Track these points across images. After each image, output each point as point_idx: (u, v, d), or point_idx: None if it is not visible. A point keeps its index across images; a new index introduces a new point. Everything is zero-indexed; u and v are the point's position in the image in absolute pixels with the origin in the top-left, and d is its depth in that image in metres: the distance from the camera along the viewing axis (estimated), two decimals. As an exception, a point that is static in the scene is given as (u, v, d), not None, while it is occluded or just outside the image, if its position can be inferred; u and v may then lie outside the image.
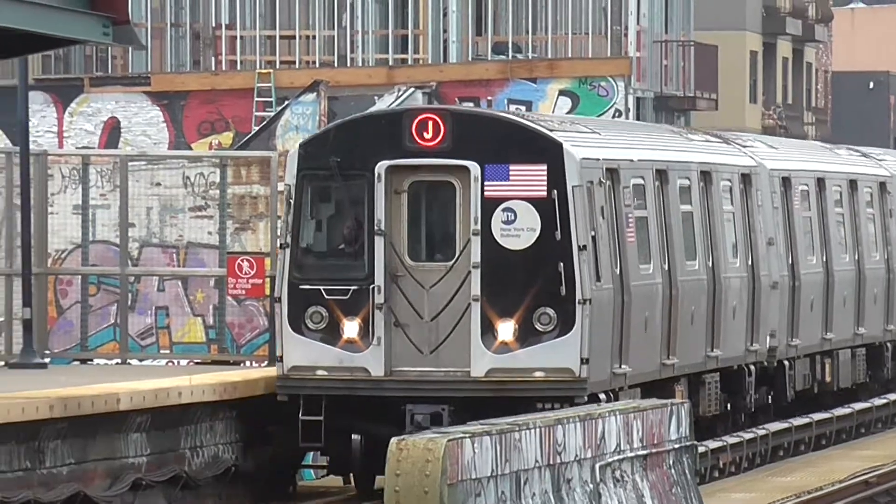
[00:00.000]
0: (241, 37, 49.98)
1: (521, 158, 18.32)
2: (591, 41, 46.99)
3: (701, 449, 20.71)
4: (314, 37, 49.38)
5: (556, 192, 18.02)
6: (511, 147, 18.51)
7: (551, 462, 14.84)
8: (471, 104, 38.72)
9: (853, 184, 29.68)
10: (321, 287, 18.37)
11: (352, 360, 18.20)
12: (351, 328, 18.13)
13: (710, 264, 23.15)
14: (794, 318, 27.06)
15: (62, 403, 16.75)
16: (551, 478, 14.74)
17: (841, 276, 28.62)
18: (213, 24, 50.19)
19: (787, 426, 26.51)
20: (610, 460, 16.29)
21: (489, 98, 40.97)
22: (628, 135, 24.65)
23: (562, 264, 17.97)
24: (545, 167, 18.18)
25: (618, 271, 19.55)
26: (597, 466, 15.85)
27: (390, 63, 47.23)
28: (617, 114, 42.48)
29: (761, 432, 25.52)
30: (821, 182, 28.28)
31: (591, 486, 15.61)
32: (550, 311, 17.95)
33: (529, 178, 18.16)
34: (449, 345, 18.17)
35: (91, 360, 25.90)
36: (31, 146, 24.91)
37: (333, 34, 48.97)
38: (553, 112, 41.35)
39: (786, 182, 27.25)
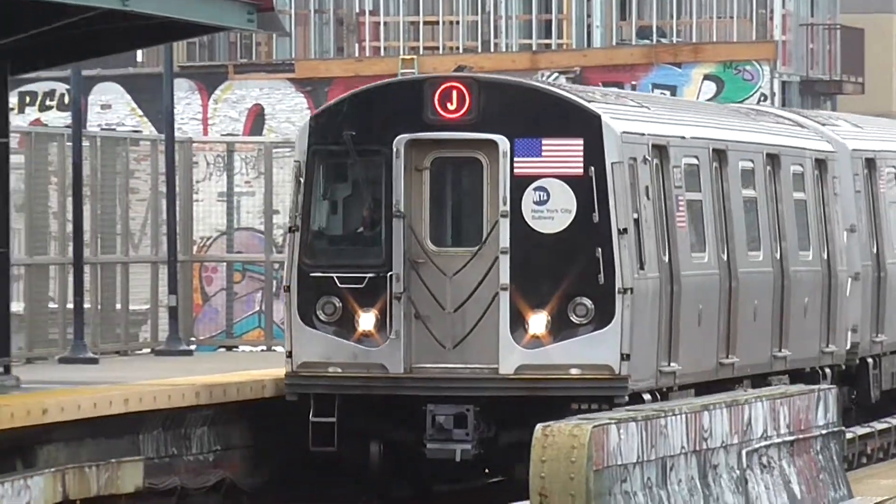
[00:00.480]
0: (385, 23, 50.39)
1: (555, 132, 16.80)
2: (735, 25, 46.57)
3: (849, 435, 20.55)
4: (458, 22, 49.63)
5: (593, 169, 16.64)
6: (544, 119, 17.01)
7: (697, 448, 14.36)
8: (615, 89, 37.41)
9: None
10: (334, 275, 16.96)
11: (367, 356, 16.83)
12: (367, 320, 16.77)
13: (778, 256, 21.52)
14: (879, 311, 25.10)
15: (208, 390, 16.97)
16: (697, 464, 14.33)
17: None
18: (357, 11, 51.01)
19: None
20: (757, 446, 15.83)
21: (633, 83, 40.19)
22: (684, 111, 23.04)
23: (600, 249, 16.57)
24: (582, 142, 16.73)
25: (666, 259, 18.23)
26: (743, 452, 15.33)
27: (534, 48, 47.37)
28: (762, 98, 41.51)
29: None
30: None
31: (738, 472, 15.18)
32: (587, 302, 16.63)
33: (564, 153, 16.73)
34: (474, 339, 16.87)
35: (236, 347, 26.42)
36: (176, 134, 25.63)
37: (477, 19, 49.15)
38: (698, 97, 39.88)
39: (870, 164, 25.30)
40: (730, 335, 19.78)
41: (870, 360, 23.81)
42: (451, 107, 16.45)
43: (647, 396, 17.17)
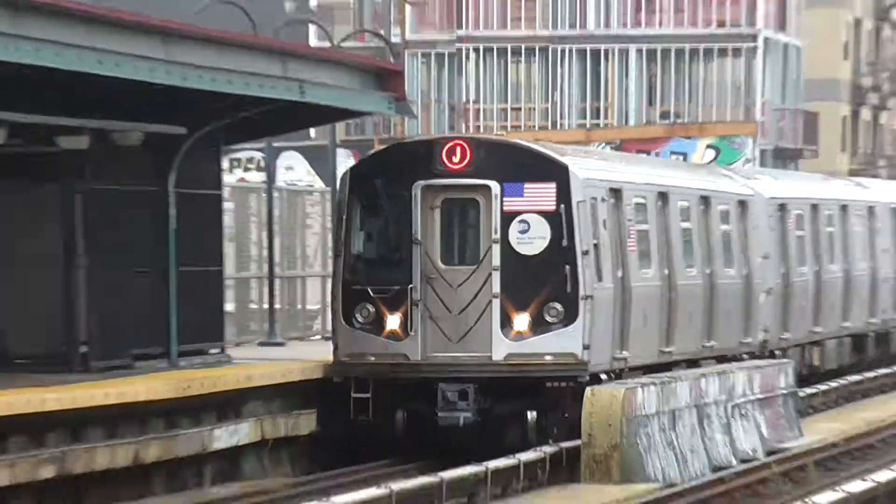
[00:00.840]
0: (484, 109, 50.32)
1: (534, 178, 15.79)
2: (729, 110, 45.98)
3: (801, 394, 20.35)
4: (534, 108, 49.49)
5: (563, 206, 15.70)
6: (526, 169, 16.02)
7: (696, 404, 15.45)
8: (644, 155, 35.93)
9: (844, 207, 26.06)
10: (368, 287, 16.09)
11: (394, 348, 15.95)
12: (393, 321, 15.92)
13: (708, 272, 20.19)
14: (785, 317, 23.65)
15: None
16: (697, 415, 15.45)
17: (830, 281, 25.26)
18: (464, 100, 50.70)
19: (861, 378, 24.45)
20: (737, 402, 16.69)
21: (657, 151, 39.16)
22: (638, 165, 22.05)
23: (568, 267, 15.56)
24: (554, 185, 15.77)
25: (619, 274, 17.05)
26: (728, 406, 16.36)
27: (588, 126, 46.87)
28: (746, 161, 40.37)
29: (844, 382, 23.93)
30: (815, 207, 24.97)
31: (724, 419, 16.21)
32: (558, 306, 15.59)
33: (541, 194, 15.91)
34: (473, 334, 15.96)
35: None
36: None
37: (548, 106, 49.00)
38: (702, 160, 38.36)
39: (782, 207, 24.07)
40: (669, 331, 18.67)
41: (778, 352, 22.80)
42: (455, 160, 15.71)
43: (603, 377, 16.26)
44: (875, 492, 12.12)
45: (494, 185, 15.36)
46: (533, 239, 15.44)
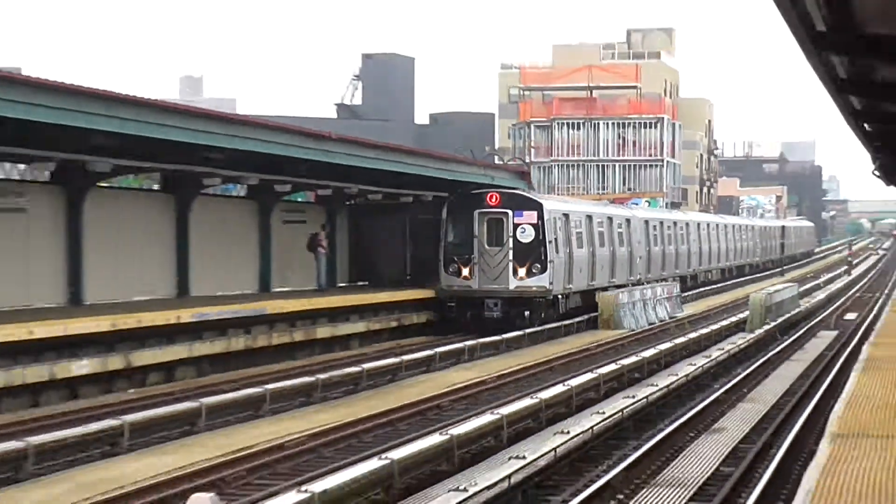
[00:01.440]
0: (559, 188, 70.91)
1: (527, 208, 25.90)
2: (654, 187, 69.43)
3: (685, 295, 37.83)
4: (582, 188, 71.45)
5: (540, 221, 25.76)
6: (523, 204, 26.15)
7: (643, 298, 30.57)
8: (586, 200, 50.46)
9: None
10: (455, 256, 25.77)
11: (465, 284, 25.63)
12: (465, 272, 25.53)
13: (610, 249, 30.91)
14: (651, 267, 35.79)
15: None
16: (642, 302, 30.34)
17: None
18: (559, 185, 70.56)
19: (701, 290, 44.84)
20: (658, 297, 32.43)
21: (627, 202, 52.83)
22: (578, 204, 33.62)
23: (542, 248, 25.59)
24: (536, 212, 25.89)
25: (567, 251, 27.28)
26: (654, 299, 31.89)
27: (599, 193, 67.55)
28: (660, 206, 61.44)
29: (698, 291, 44.64)
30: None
31: (653, 304, 31.46)
32: (538, 265, 25.49)
33: (530, 215, 25.90)
34: (500, 278, 25.47)
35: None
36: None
37: (586, 185, 71.69)
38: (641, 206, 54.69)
39: (647, 223, 35.90)
40: (591, 274, 29.36)
41: (645, 282, 34.33)
42: (493, 201, 25.88)
43: (560, 297, 26.94)
44: (714, 334, 25.12)
45: (510, 212, 25.77)
46: (527, 236, 25.61)
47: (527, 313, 25.40)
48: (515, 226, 25.46)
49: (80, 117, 15.19)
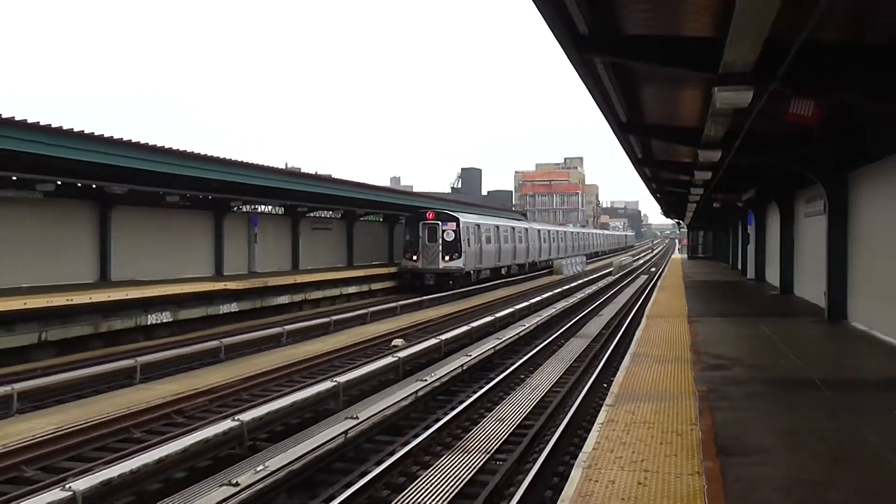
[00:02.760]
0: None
1: (450, 220, 38.29)
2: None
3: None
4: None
5: (458, 228, 38.34)
6: (448, 218, 38.38)
7: (572, 260, 61.45)
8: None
9: (526, 230, 53.90)
10: (409, 249, 38.58)
11: (414, 265, 38.14)
12: (415, 258, 38.08)
13: (512, 245, 46.88)
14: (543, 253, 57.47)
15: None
16: (573, 262, 61.14)
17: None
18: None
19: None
20: (576, 262, 63.30)
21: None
22: (488, 217, 47.80)
23: (459, 244, 38.03)
24: (455, 223, 38.50)
25: (478, 246, 41.25)
26: (578, 260, 63.41)
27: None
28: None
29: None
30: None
31: (574, 264, 62.12)
32: (455, 254, 38.07)
33: (452, 225, 38.80)
34: (434, 261, 37.94)
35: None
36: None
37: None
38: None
39: (541, 232, 56.24)
40: (499, 259, 45.12)
41: (472, 272, 41.98)
42: (430, 216, 38.60)
43: (472, 275, 40.47)
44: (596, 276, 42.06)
45: (440, 223, 38.41)
46: (449, 236, 38.53)
47: (450, 282, 38.90)
48: (443, 231, 38.88)
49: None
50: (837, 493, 7.21)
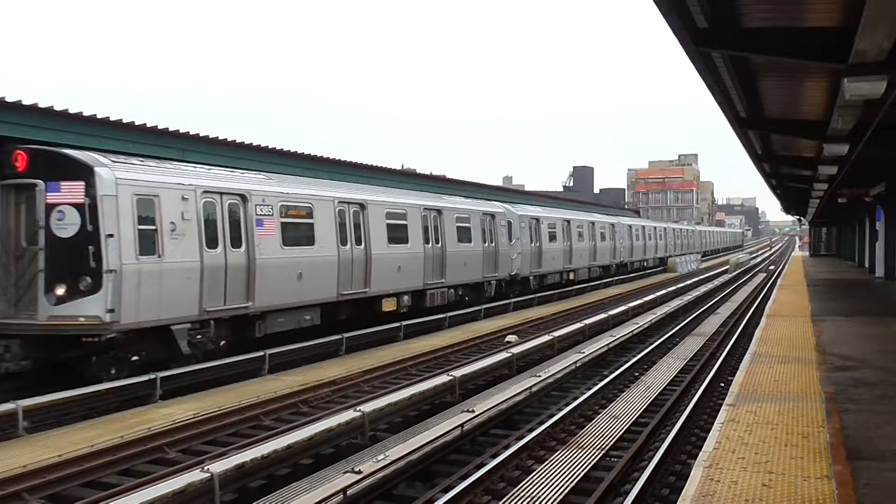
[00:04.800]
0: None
1: (66, 178, 14.01)
2: None
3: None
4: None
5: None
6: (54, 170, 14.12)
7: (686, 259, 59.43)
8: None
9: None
10: None
11: None
12: None
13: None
14: (540, 260, 33.77)
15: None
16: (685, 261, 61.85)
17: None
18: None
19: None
20: (690, 260, 64.36)
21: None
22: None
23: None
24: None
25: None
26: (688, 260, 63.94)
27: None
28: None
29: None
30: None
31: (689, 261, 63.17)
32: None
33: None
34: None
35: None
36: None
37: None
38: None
39: (532, 220, 33.30)
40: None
41: (531, 277, 33.18)
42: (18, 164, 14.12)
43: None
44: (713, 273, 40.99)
45: (40, 183, 13.93)
46: (68, 225, 13.97)
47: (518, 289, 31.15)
48: (48, 208, 14.92)
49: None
50: (979, 504, 6.79)
